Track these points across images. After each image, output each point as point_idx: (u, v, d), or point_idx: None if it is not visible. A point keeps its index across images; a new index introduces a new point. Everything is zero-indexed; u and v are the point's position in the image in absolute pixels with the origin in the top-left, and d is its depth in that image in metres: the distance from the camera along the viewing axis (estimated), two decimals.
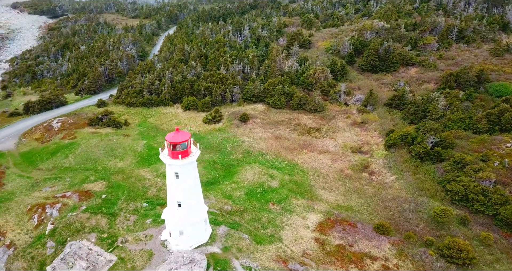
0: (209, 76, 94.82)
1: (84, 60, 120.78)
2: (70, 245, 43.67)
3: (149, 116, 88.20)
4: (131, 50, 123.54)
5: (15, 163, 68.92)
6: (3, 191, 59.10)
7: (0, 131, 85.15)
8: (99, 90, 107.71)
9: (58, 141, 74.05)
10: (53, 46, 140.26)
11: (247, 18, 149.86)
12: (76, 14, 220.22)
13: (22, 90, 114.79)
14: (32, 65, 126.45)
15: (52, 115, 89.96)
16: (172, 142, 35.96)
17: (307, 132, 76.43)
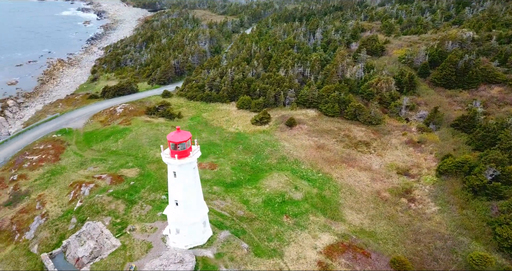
0: (267, 77, 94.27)
1: (162, 52, 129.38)
2: (87, 224, 47.12)
3: (204, 111, 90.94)
4: (204, 46, 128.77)
5: (77, 141, 76.70)
6: (58, 165, 66.23)
7: (77, 111, 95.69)
8: (169, 81, 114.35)
9: (115, 126, 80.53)
10: (141, 37, 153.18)
11: (326, 20, 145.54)
12: (171, 9, 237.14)
13: (106, 76, 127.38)
14: (120, 54, 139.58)
15: (121, 101, 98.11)
16: (171, 141, 36.33)
17: (354, 146, 71.51)
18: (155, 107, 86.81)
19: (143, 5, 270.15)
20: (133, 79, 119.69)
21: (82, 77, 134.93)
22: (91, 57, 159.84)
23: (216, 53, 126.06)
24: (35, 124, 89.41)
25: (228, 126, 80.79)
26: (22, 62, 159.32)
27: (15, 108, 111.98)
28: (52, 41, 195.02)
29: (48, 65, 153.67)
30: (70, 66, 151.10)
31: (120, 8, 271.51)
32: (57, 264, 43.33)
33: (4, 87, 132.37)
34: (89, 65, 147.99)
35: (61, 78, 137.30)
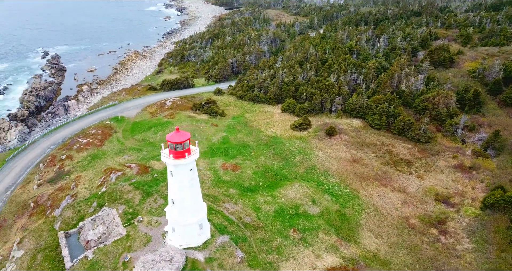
0: (316, 81, 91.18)
1: (223, 50, 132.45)
2: (103, 210, 49.92)
3: (249, 112, 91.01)
4: (264, 46, 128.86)
5: (124, 129, 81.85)
6: (100, 150, 71.32)
7: (134, 101, 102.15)
8: (224, 79, 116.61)
9: (160, 118, 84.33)
10: (208, 34, 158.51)
11: (398, 25, 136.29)
12: (245, 8, 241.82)
13: (170, 69, 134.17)
14: (186, 49, 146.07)
15: (174, 95, 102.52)
16: (169, 140, 36.72)
17: (393, 163, 65.95)
18: (201, 103, 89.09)
19: (221, 3, 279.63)
20: (192, 74, 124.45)
21: (150, 69, 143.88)
22: (162, 51, 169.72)
23: (274, 54, 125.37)
24: (96, 110, 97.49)
25: (266, 129, 79.81)
26: (104, 52, 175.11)
27: (87, 94, 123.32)
28: (133, 34, 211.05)
29: (125, 56, 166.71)
30: (143, 58, 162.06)
31: (199, 5, 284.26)
32: (69, 243, 46.61)
33: (84, 73, 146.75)
34: (159, 58, 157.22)
35: (132, 69, 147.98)
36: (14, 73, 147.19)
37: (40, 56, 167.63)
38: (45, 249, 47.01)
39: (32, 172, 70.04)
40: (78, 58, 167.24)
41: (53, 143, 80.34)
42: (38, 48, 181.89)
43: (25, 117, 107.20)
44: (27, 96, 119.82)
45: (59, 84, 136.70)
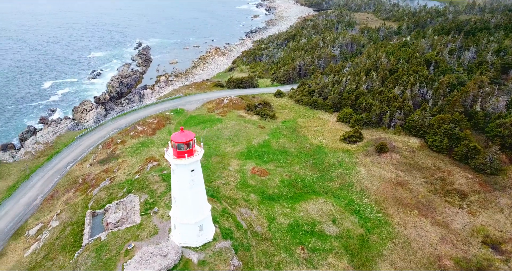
0: (379, 92, 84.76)
1: (295, 52, 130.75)
2: (128, 196, 53.03)
3: (303, 117, 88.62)
4: (336, 51, 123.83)
5: (179, 121, 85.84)
6: (149, 139, 75.89)
7: (198, 95, 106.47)
8: (289, 81, 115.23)
9: (213, 114, 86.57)
10: (285, 35, 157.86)
11: (498, 36, 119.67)
12: (333, 10, 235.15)
13: (241, 68, 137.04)
14: (260, 49, 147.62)
15: (236, 93, 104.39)
16: (172, 139, 37.31)
17: (444, 193, 58.38)
18: (254, 104, 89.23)
19: (310, 4, 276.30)
20: (260, 74, 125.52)
21: (224, 66, 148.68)
22: (241, 49, 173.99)
23: (346, 60, 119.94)
24: (162, 101, 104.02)
25: (314, 137, 76.80)
26: (189, 46, 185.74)
27: (163, 84, 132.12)
28: (220, 30, 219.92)
29: (206, 52, 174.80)
30: (221, 54, 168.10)
31: (289, 6, 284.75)
32: (94, 222, 50.50)
33: (166, 65, 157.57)
34: (235, 56, 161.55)
35: (208, 64, 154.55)
36: (110, 61, 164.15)
37: (134, 47, 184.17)
38: (74, 224, 51.65)
39: (92, 151, 77.51)
40: (165, 50, 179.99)
41: (117, 127, 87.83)
42: (135, 39, 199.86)
43: (106, 101, 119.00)
44: (112, 82, 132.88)
45: (143, 73, 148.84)
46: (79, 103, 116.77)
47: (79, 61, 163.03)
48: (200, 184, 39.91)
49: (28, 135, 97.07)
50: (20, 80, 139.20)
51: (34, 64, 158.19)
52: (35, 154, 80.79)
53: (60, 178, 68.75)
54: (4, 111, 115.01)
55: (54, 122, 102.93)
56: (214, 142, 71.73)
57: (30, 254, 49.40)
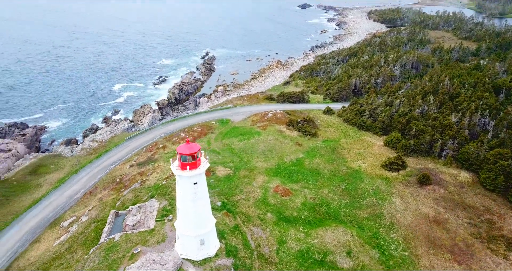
0: (433, 118, 77.93)
1: (354, 69, 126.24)
2: (150, 201, 54.92)
3: (347, 137, 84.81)
4: (396, 70, 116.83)
5: (221, 131, 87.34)
6: None
7: (247, 107, 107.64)
8: (342, 99, 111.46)
9: (253, 127, 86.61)
10: (347, 51, 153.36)
11: None
12: (406, 27, 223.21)
13: (296, 82, 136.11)
14: (320, 64, 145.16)
15: (284, 107, 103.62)
16: (177, 150, 37.76)
17: (488, 239, 51.28)
18: (297, 120, 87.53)
19: (384, 20, 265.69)
20: (314, 89, 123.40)
21: (281, 79, 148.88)
22: (302, 63, 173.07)
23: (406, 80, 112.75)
24: (212, 110, 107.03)
25: (353, 160, 72.84)
26: (252, 58, 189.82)
27: (220, 94, 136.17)
28: (286, 44, 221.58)
29: (267, 64, 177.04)
30: (281, 68, 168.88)
31: (361, 21, 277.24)
32: (115, 222, 52.98)
33: (227, 76, 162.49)
34: (295, 70, 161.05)
35: (266, 77, 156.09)
36: (177, 68, 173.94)
37: (201, 56, 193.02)
38: (99, 221, 54.71)
39: (136, 153, 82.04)
40: (229, 61, 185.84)
41: (164, 132, 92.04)
42: (205, 49, 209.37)
43: (164, 106, 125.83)
44: (173, 89, 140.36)
45: (203, 82, 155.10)
46: (140, 107, 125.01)
47: (150, 67, 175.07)
48: (203, 197, 39.75)
49: (90, 133, 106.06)
50: (97, 82, 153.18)
51: (113, 67, 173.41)
52: (89, 150, 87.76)
53: (103, 176, 73.64)
54: (78, 109, 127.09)
55: (114, 123, 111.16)
56: (247, 155, 71.56)
57: (58, 244, 53.22)
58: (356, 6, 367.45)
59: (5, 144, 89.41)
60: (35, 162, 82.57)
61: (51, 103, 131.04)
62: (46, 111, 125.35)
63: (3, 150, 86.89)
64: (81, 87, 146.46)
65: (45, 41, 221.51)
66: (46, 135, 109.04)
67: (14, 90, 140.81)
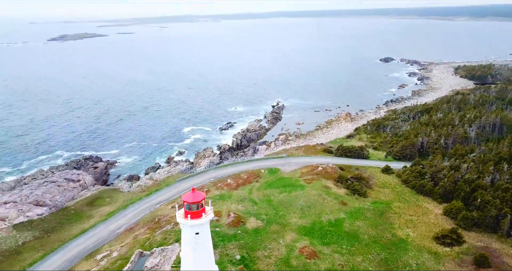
0: (503, 189, 67.57)
1: (423, 126, 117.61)
2: (174, 245, 55.39)
3: (401, 201, 77.40)
4: (472, 131, 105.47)
5: (266, 181, 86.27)
6: (229, 193, 78.44)
7: (301, 158, 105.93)
8: (405, 158, 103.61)
9: (299, 180, 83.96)
10: (420, 107, 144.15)
11: None
12: (496, 85, 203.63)
13: (360, 136, 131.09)
14: (388, 119, 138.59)
15: (339, 162, 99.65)
16: (182, 197, 37.92)
17: None
18: (347, 177, 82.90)
19: (472, 76, 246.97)
20: (377, 145, 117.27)
21: (345, 132, 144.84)
22: (372, 117, 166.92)
23: (482, 143, 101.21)
24: (265, 158, 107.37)
25: (401, 227, 65.61)
26: (320, 109, 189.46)
27: (280, 143, 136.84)
28: (358, 96, 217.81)
29: (335, 116, 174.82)
30: (349, 121, 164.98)
31: (445, 77, 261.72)
32: (137, 261, 53.93)
33: (292, 125, 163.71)
34: (363, 123, 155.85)
35: (331, 129, 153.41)
36: (246, 115, 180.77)
37: (271, 105, 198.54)
38: (124, 259, 56.31)
39: (182, 195, 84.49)
40: (297, 111, 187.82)
41: (214, 176, 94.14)
42: (277, 98, 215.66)
43: (224, 150, 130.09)
44: (237, 135, 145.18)
45: (267, 130, 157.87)
46: (203, 149, 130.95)
47: (222, 113, 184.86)
48: (205, 248, 38.65)
49: (151, 171, 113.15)
50: (172, 123, 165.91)
51: (190, 110, 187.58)
52: (143, 188, 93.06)
53: (146, 214, 76.78)
54: (149, 148, 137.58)
55: (175, 163, 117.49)
56: (283, 209, 69.03)
57: None
58: (443, 61, 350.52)
59: (76, 175, 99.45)
60: (95, 193, 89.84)
61: (128, 140, 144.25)
62: (121, 147, 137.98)
63: (73, 180, 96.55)
64: (158, 127, 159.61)
65: (145, 83, 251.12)
66: (115, 169, 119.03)
67: (108, 126, 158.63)
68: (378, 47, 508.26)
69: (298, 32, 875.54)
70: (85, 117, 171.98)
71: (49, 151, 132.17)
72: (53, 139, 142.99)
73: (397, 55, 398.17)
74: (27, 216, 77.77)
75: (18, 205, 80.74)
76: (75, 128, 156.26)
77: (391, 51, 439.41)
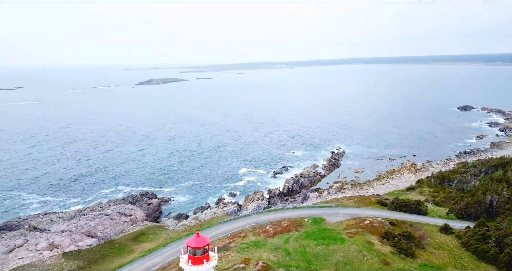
0: None
1: (494, 183, 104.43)
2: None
3: (457, 266, 67.96)
4: None
5: (306, 231, 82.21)
6: (266, 240, 76.17)
7: (350, 209, 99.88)
8: (469, 217, 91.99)
9: (341, 232, 78.62)
10: (495, 161, 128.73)
11: None
12: None
13: (421, 190, 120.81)
14: (456, 172, 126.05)
15: (391, 216, 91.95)
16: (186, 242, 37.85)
17: None
18: (395, 233, 75.68)
19: None
20: (439, 200, 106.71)
21: (406, 184, 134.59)
22: (439, 169, 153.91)
23: None
24: (313, 206, 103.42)
25: None
26: (383, 158, 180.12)
27: (333, 191, 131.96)
28: (428, 146, 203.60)
29: (398, 166, 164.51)
30: (413, 172, 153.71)
31: None
32: None
33: (350, 173, 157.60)
34: (426, 175, 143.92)
35: (391, 180, 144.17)
36: (302, 160, 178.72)
37: (331, 150, 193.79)
38: None
39: (220, 238, 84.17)
40: (358, 158, 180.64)
41: (256, 222, 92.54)
42: (337, 143, 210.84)
43: (274, 195, 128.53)
44: (290, 180, 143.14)
45: (322, 177, 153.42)
46: (253, 192, 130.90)
47: (279, 156, 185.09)
48: None
49: (199, 211, 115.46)
50: (229, 164, 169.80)
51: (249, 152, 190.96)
52: (187, 227, 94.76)
53: None
54: (203, 188, 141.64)
55: (223, 204, 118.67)
56: (317, 263, 64.68)
57: None
58: None
59: (129, 209, 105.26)
60: (141, 229, 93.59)
61: (187, 179, 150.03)
62: (179, 186, 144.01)
63: (126, 214, 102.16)
64: (218, 168, 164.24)
65: (217, 125, 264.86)
66: (167, 207, 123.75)
67: (173, 165, 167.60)
68: (457, 94, 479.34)
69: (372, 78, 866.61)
70: (154, 156, 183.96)
71: (114, 185, 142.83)
72: (121, 175, 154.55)
73: (478, 103, 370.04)
74: (78, 245, 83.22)
75: (72, 234, 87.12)
76: (143, 165, 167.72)
77: (472, 99, 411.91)
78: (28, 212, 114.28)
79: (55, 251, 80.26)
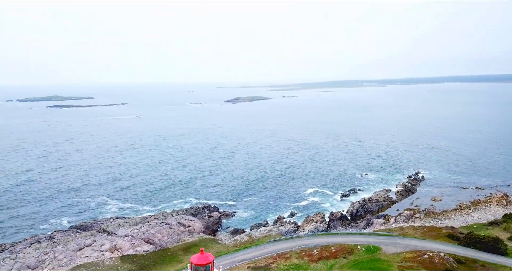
0: None
1: None
2: None
3: None
4: None
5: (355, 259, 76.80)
6: (308, 264, 73.31)
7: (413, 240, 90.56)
8: None
9: (393, 265, 71.61)
10: None
11: None
12: None
13: (507, 225, 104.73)
14: None
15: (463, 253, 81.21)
16: (191, 259, 38.71)
17: None
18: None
19: None
20: None
21: (491, 217, 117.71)
22: None
23: None
24: (373, 233, 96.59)
25: None
26: (469, 186, 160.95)
27: (402, 219, 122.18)
28: None
29: (486, 196, 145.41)
30: (504, 204, 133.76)
31: None
32: None
33: (426, 200, 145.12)
34: None
35: (473, 211, 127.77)
36: (374, 184, 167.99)
37: (408, 175, 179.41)
38: None
39: (265, 257, 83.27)
40: (438, 185, 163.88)
41: (305, 244, 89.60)
42: (416, 168, 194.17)
43: (335, 218, 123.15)
44: (356, 203, 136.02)
45: (393, 202, 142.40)
46: (314, 214, 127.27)
47: (351, 178, 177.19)
48: None
49: (255, 227, 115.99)
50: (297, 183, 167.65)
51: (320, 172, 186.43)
52: (237, 243, 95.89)
53: (224, 269, 78.34)
54: (266, 205, 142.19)
55: (280, 223, 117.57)
56: None
57: None
58: None
59: (189, 220, 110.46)
60: (195, 240, 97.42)
61: (255, 196, 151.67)
62: (244, 200, 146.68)
63: (184, 224, 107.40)
64: (288, 186, 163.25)
65: (299, 142, 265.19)
66: (227, 221, 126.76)
67: (246, 182, 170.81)
68: None
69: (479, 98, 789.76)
70: (235, 171, 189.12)
71: (185, 196, 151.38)
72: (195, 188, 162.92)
73: None
74: (136, 250, 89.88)
75: (133, 239, 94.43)
76: (217, 178, 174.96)
77: None
78: (106, 215, 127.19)
79: (116, 253, 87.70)
